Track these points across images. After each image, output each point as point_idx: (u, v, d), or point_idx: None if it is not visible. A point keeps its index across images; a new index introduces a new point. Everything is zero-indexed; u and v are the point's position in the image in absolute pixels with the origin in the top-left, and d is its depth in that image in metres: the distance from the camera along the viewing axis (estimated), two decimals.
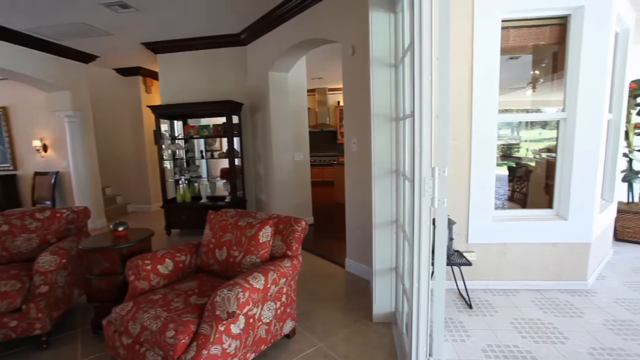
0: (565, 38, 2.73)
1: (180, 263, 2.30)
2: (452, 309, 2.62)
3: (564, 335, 2.25)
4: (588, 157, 2.71)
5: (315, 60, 5.65)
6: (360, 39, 2.89)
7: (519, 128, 5.08)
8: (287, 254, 2.20)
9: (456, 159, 2.75)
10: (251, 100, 4.97)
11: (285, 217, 2.34)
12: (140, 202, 6.79)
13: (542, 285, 2.88)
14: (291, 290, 2.22)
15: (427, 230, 1.37)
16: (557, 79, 2.96)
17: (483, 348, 2.14)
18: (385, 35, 2.21)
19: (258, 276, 1.84)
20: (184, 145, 5.10)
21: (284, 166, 4.83)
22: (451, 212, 2.74)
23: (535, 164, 4.21)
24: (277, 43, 4.25)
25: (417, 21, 1.38)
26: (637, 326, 2.33)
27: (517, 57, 3.47)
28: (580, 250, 2.83)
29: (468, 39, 2.63)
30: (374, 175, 2.28)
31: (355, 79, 3.12)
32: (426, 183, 1.32)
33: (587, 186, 2.75)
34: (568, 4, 2.58)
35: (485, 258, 2.87)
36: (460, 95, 2.69)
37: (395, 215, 2.33)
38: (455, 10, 2.60)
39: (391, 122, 2.23)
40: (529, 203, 3.85)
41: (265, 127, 4.77)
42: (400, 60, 2.08)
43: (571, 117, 2.71)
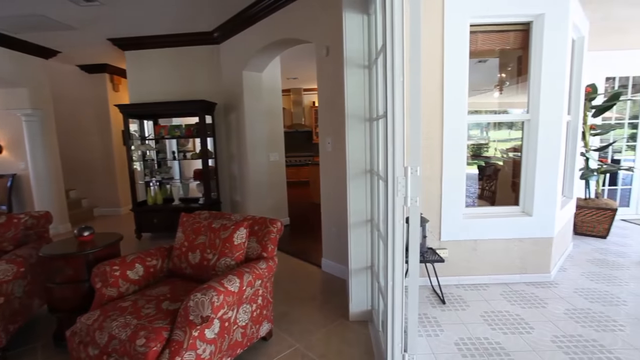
0: (528, 43, 2.87)
1: (152, 268, 2.22)
2: (426, 304, 2.69)
3: (530, 326, 2.36)
4: (550, 157, 2.87)
5: (290, 60, 5.63)
6: (335, 40, 2.91)
7: (488, 128, 5.30)
8: (262, 255, 2.17)
9: (429, 158, 2.83)
10: (225, 100, 4.88)
11: (260, 218, 2.31)
12: (108, 205, 6.50)
13: (510, 279, 3.01)
14: (267, 292, 2.20)
15: (400, 228, 1.40)
16: (521, 82, 3.11)
17: (456, 342, 2.21)
18: (358, 36, 2.24)
19: (233, 279, 1.81)
20: (155, 146, 4.93)
21: (259, 167, 4.78)
22: (424, 210, 2.81)
23: (503, 163, 4.40)
24: (250, 42, 4.20)
25: (389, 24, 1.40)
26: (593, 314, 2.49)
27: (485, 60, 3.61)
28: (544, 245, 2.98)
29: (439, 42, 2.71)
30: (349, 175, 2.30)
31: (329, 79, 3.14)
32: (399, 182, 1.34)
33: (549, 184, 2.91)
34: (530, 11, 2.72)
35: (457, 254, 2.97)
36: (432, 96, 2.76)
37: (370, 214, 2.36)
38: (427, 14, 2.67)
39: (365, 123, 2.25)
40: (497, 200, 4.02)
41: (240, 127, 4.70)
42: (374, 62, 2.11)
43: (534, 119, 2.86)
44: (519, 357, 2.04)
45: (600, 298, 2.72)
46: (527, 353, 2.08)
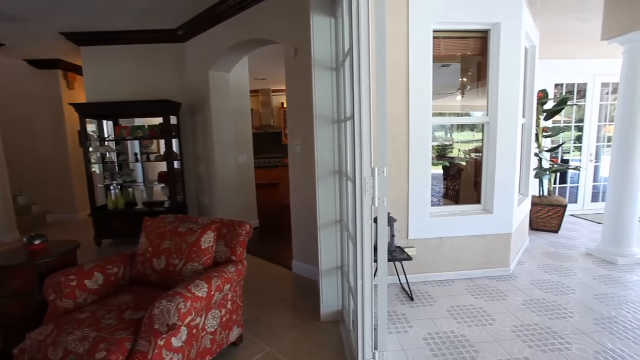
0: (487, 50, 3.03)
1: (113, 276, 2.10)
2: (395, 302, 2.75)
3: (492, 317, 2.49)
4: (508, 157, 3.04)
5: (259, 61, 5.56)
6: (303, 42, 2.92)
7: (452, 130, 5.53)
8: (231, 259, 2.13)
9: (396, 159, 2.90)
10: (191, 101, 4.73)
11: (228, 221, 2.26)
12: (64, 211, 6.07)
13: (473, 274, 3.16)
14: (237, 297, 2.15)
15: (369, 228, 1.42)
16: (481, 87, 3.27)
17: (424, 337, 2.28)
18: (326, 39, 2.26)
19: (201, 284, 1.75)
20: (116, 148, 4.69)
21: (227, 169, 4.68)
22: (393, 210, 2.88)
23: (466, 164, 4.61)
24: (217, 42, 4.11)
25: (356, 27, 1.43)
26: (548, 303, 2.67)
27: (448, 65, 3.77)
28: (504, 241, 3.16)
29: (404, 47, 2.79)
30: (318, 177, 2.31)
31: (298, 80, 3.13)
32: (367, 183, 1.37)
33: (507, 183, 3.08)
34: (487, 20, 2.87)
35: (425, 252, 3.07)
36: (399, 99, 2.84)
37: (339, 215, 2.38)
38: (392, 19, 2.74)
39: (333, 124, 2.27)
40: (461, 199, 4.20)
41: (207, 129, 4.57)
42: (342, 64, 2.13)
43: (493, 121, 3.02)
44: (483, 348, 2.14)
45: (554, 288, 2.92)
46: (490, 344, 2.19)
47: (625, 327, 2.34)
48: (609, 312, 2.53)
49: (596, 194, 5.58)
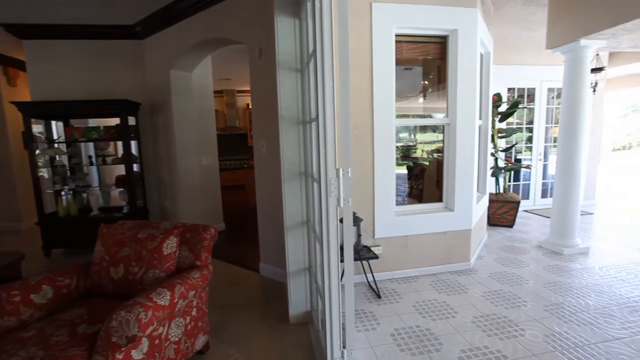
0: (446, 54, 3.17)
1: (64, 288, 1.96)
2: (363, 300, 2.80)
3: (454, 310, 2.60)
4: (467, 157, 3.20)
5: (222, 61, 5.43)
6: (267, 42, 2.89)
7: (416, 131, 5.72)
8: (195, 264, 2.06)
9: (361, 160, 2.95)
10: (151, 100, 4.52)
11: (192, 225, 2.19)
12: (5, 219, 5.55)
13: (437, 270, 3.29)
14: (202, 303, 2.09)
15: (335, 228, 1.43)
16: (441, 89, 3.41)
17: (391, 333, 2.34)
18: (291, 40, 2.25)
19: (163, 292, 1.68)
20: (67, 150, 4.37)
21: (191, 171, 4.53)
22: (359, 210, 2.93)
23: (428, 163, 4.79)
24: (178, 40, 3.96)
25: (319, 29, 1.43)
26: (504, 294, 2.84)
27: (411, 68, 3.90)
28: (464, 236, 3.31)
29: (368, 49, 2.85)
30: (284, 178, 2.29)
31: (263, 81, 3.10)
32: (332, 184, 1.38)
33: (467, 181, 3.24)
34: (446, 26, 3.01)
35: (390, 250, 3.14)
36: (363, 100, 2.89)
37: (305, 216, 2.38)
38: (356, 21, 2.79)
39: (298, 125, 2.27)
40: (424, 198, 4.35)
41: (168, 130, 4.40)
42: (306, 65, 2.14)
43: (453, 122, 3.16)
44: (446, 340, 2.23)
45: (509, 279, 3.11)
46: (453, 335, 2.28)
47: (570, 311, 2.54)
48: (556, 299, 2.73)
49: (545, 190, 6.02)
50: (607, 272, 3.24)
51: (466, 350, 2.13)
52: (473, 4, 3.01)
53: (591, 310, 2.56)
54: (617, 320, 2.42)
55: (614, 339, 2.21)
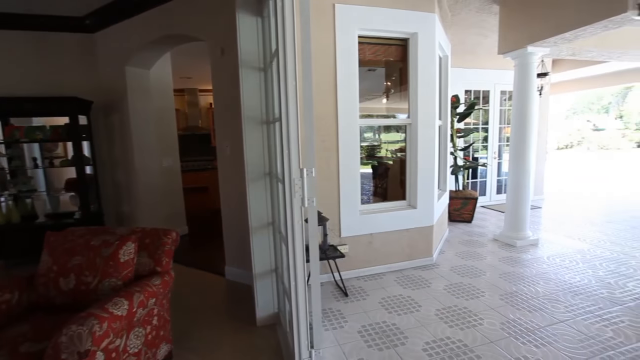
0: (407, 57, 3.27)
1: (4, 304, 1.78)
2: (330, 299, 2.82)
3: (418, 304, 2.69)
4: (428, 155, 3.32)
5: (183, 58, 5.23)
6: (230, 40, 2.82)
7: (380, 131, 5.85)
8: (156, 270, 1.97)
9: (326, 160, 2.97)
10: (104, 98, 4.25)
11: (151, 230, 2.08)
12: None
13: (401, 266, 3.38)
14: (164, 310, 1.99)
15: (300, 229, 1.43)
16: (403, 91, 3.51)
17: (358, 330, 2.37)
18: (253, 38, 2.21)
19: (120, 301, 1.58)
20: (6, 152, 3.99)
21: (150, 173, 4.32)
22: (325, 209, 2.94)
23: (392, 162, 4.91)
24: (134, 35, 3.76)
25: (281, 28, 1.42)
26: (464, 286, 2.98)
27: (374, 69, 3.98)
28: (427, 233, 3.44)
29: (331, 50, 2.87)
30: (248, 179, 2.25)
31: (225, 80, 3.02)
32: (296, 184, 1.37)
33: (428, 179, 3.36)
34: (406, 29, 3.10)
35: (356, 249, 3.19)
36: (327, 101, 2.91)
37: (271, 217, 2.35)
38: (319, 22, 2.80)
39: (262, 126, 2.24)
40: (389, 196, 4.46)
41: (125, 130, 4.16)
42: (269, 65, 2.11)
43: (414, 123, 3.27)
44: (411, 333, 2.30)
45: (469, 272, 3.27)
46: (417, 328, 2.36)
47: (522, 299, 2.73)
48: (510, 288, 2.92)
49: (500, 186, 6.40)
50: (554, 260, 3.50)
51: (430, 342, 2.21)
52: (431, 9, 3.14)
53: (540, 296, 2.76)
54: (562, 304, 2.63)
55: (560, 321, 2.40)
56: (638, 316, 2.46)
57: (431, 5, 3.14)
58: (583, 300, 2.69)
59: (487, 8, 3.87)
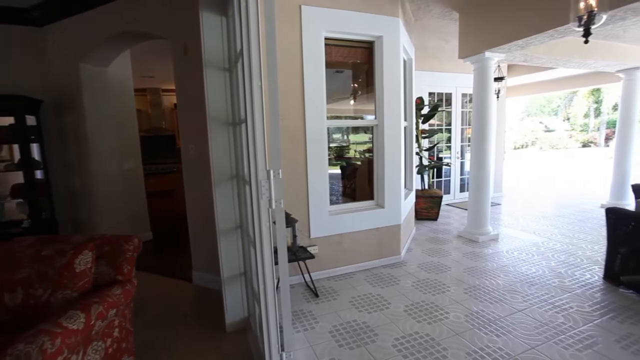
0: (373, 59, 3.33)
1: None
2: (301, 300, 2.81)
3: (388, 302, 2.75)
4: (394, 156, 3.40)
5: (145, 56, 5.01)
6: (193, 39, 2.73)
7: (348, 132, 5.92)
8: (117, 279, 1.87)
9: (294, 161, 2.96)
10: (56, 97, 3.97)
11: (111, 237, 1.97)
12: None
13: (371, 265, 3.44)
14: (126, 321, 1.89)
15: (267, 231, 1.41)
16: (370, 92, 3.58)
17: (330, 330, 2.38)
18: (218, 38, 2.16)
19: (76, 314, 1.48)
20: None
21: (110, 177, 4.09)
22: (293, 211, 2.93)
23: (361, 163, 4.99)
24: (89, 30, 3.54)
25: (245, 28, 1.40)
26: (431, 282, 3.08)
27: (341, 71, 4.02)
28: (395, 231, 3.52)
29: (298, 51, 2.87)
30: (214, 181, 2.19)
31: (189, 80, 2.93)
32: (263, 185, 1.36)
33: (395, 179, 3.44)
34: (372, 32, 3.17)
35: (326, 249, 3.21)
36: (295, 102, 2.90)
37: (239, 219, 2.31)
38: (285, 22, 2.79)
39: (228, 127, 2.19)
40: (357, 196, 4.51)
41: (80, 131, 3.91)
42: (234, 65, 2.07)
43: (381, 124, 3.34)
44: (381, 331, 2.35)
45: (435, 268, 3.39)
46: (387, 325, 2.41)
47: (485, 291, 2.87)
48: (474, 282, 3.05)
49: (463, 185, 6.70)
50: (512, 254, 3.72)
51: (399, 338, 2.26)
52: (395, 13, 3.22)
53: (501, 288, 2.91)
54: (520, 295, 2.79)
55: (518, 311, 2.55)
56: (583, 302, 2.66)
57: (395, 10, 3.23)
58: (538, 289, 2.88)
59: (448, 14, 4.03)
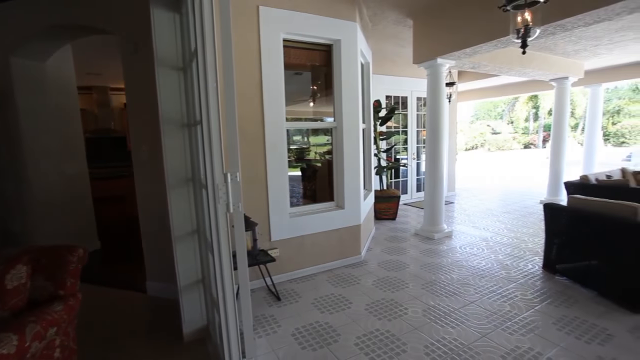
0: (332, 62, 3.38)
1: None
2: (263, 305, 2.76)
3: (349, 301, 2.79)
4: (353, 157, 3.47)
5: (89, 52, 4.66)
6: (145, 35, 2.59)
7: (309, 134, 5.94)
8: (58, 294, 1.71)
9: (253, 163, 2.91)
10: None
11: (50, 248, 1.81)
12: None
13: (332, 265, 3.47)
14: (69, 340, 1.74)
15: (225, 235, 1.37)
16: (329, 95, 3.62)
17: (292, 333, 2.37)
18: (171, 35, 2.07)
19: (7, 337, 1.34)
20: None
21: (48, 183, 3.73)
22: (253, 214, 2.88)
23: (321, 165, 5.02)
24: (21, 20, 3.20)
25: (199, 28, 1.35)
26: (390, 279, 3.17)
27: (301, 73, 4.03)
28: (355, 231, 3.58)
29: (256, 52, 2.83)
30: (169, 185, 2.09)
31: (140, 79, 2.76)
32: (220, 189, 1.31)
33: (354, 180, 3.51)
34: (330, 35, 3.21)
35: (288, 252, 3.18)
36: (253, 103, 2.86)
37: (196, 224, 2.22)
38: (243, 22, 2.74)
39: (183, 128, 2.10)
40: (318, 198, 4.54)
41: (12, 132, 3.53)
42: (189, 64, 1.99)
43: (340, 126, 3.39)
44: (343, 330, 2.37)
45: (394, 266, 3.50)
46: (349, 325, 2.44)
47: (441, 286, 3.01)
48: (430, 277, 3.19)
49: (419, 185, 6.99)
50: (465, 249, 3.94)
51: (361, 336, 2.30)
52: (353, 18, 3.29)
53: (455, 282, 3.07)
54: (472, 287, 2.97)
55: (470, 302, 2.71)
56: (526, 290, 2.90)
57: (353, 15, 3.30)
58: (488, 281, 3.07)
59: (403, 21, 4.20)
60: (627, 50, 5.46)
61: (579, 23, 2.88)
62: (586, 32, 4.41)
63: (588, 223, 2.91)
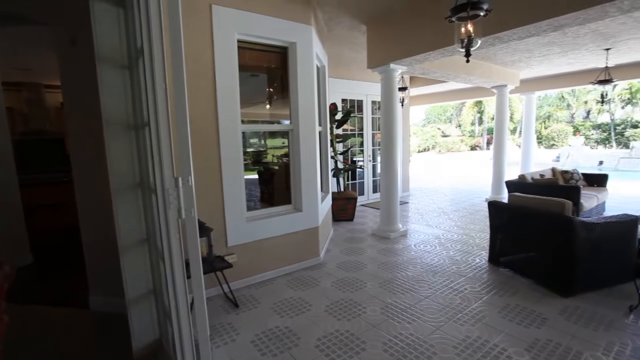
0: (287, 64, 3.37)
1: None
2: (220, 313, 2.67)
3: (309, 304, 2.78)
4: (310, 160, 3.48)
5: (16, 44, 4.20)
6: (83, 29, 2.39)
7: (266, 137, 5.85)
8: None
9: (207, 167, 2.81)
10: None
11: None
12: None
13: (291, 269, 3.45)
14: None
15: (177, 242, 1.30)
16: (286, 97, 3.60)
17: (252, 339, 2.31)
18: (114, 30, 1.92)
19: None
20: None
21: None
22: (208, 219, 2.77)
23: (278, 167, 4.98)
24: None
25: (145, 24, 1.27)
26: (349, 280, 3.22)
27: (257, 75, 3.96)
28: (313, 234, 3.59)
29: (209, 52, 2.74)
30: (114, 191, 1.93)
31: (78, 76, 2.53)
32: (170, 194, 1.24)
33: (311, 182, 3.52)
34: (285, 38, 3.20)
35: (245, 257, 3.11)
36: (206, 104, 2.76)
37: (145, 232, 2.08)
38: (194, 21, 2.64)
39: (130, 130, 1.96)
40: (275, 201, 4.49)
41: None
42: (135, 62, 1.87)
43: (296, 128, 3.38)
44: (304, 333, 2.36)
45: (353, 267, 3.56)
46: (309, 327, 2.44)
47: (398, 284, 3.11)
48: (387, 276, 3.29)
49: (375, 186, 7.20)
50: (419, 247, 4.12)
51: (321, 337, 2.31)
52: (308, 21, 3.32)
53: (410, 279, 3.20)
54: (426, 283, 3.11)
55: (425, 298, 2.83)
56: (475, 283, 3.10)
57: (308, 18, 3.32)
58: (440, 277, 3.24)
59: (357, 27, 4.31)
60: (553, 63, 6.11)
61: (513, 36, 3.16)
62: (520, 45, 4.85)
63: (526, 218, 3.19)
